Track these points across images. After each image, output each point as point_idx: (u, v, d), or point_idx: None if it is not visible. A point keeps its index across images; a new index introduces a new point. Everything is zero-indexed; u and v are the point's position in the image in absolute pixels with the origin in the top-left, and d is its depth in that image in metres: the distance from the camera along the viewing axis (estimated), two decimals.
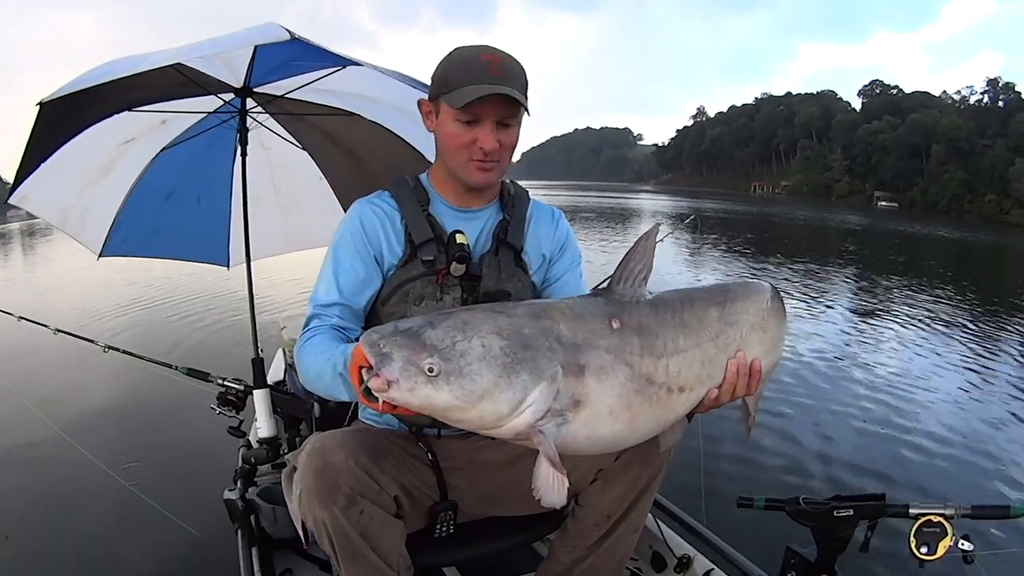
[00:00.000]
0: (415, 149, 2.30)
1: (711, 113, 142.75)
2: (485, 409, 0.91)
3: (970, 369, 5.67)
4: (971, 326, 7.64)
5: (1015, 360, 6.22)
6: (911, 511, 1.28)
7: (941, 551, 1.23)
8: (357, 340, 1.26)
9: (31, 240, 17.88)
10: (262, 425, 2.09)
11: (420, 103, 1.32)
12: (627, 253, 1.08)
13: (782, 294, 1.31)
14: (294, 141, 2.49)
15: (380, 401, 0.91)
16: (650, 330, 1.03)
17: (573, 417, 0.96)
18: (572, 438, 0.97)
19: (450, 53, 1.26)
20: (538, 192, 1.47)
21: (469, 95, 1.17)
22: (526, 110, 1.24)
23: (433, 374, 0.88)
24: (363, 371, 0.93)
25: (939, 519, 1.24)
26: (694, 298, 1.13)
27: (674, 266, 11.15)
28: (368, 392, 0.92)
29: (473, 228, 1.36)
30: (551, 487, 0.95)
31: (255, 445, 2.08)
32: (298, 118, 2.39)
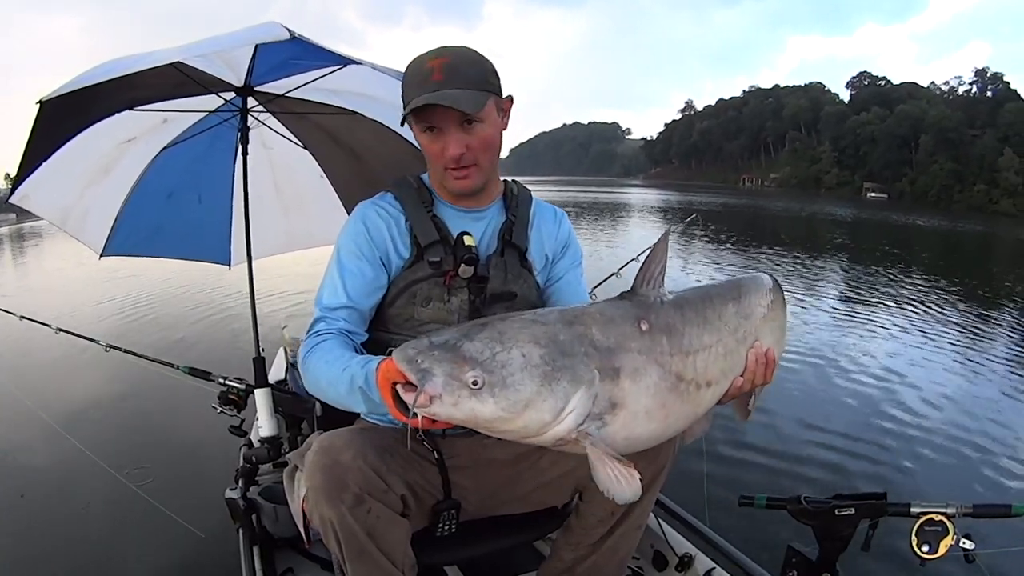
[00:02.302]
0: (416, 148, 2.28)
1: (699, 107, 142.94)
2: (529, 418, 0.92)
3: (970, 362, 5.70)
4: (966, 317, 7.68)
5: (1014, 352, 6.23)
6: (912, 510, 1.28)
7: (942, 550, 1.23)
8: (364, 344, 1.26)
9: (20, 244, 17.93)
10: (263, 424, 2.10)
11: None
12: (647, 256, 1.11)
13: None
14: (295, 140, 2.49)
15: (419, 417, 0.91)
16: (676, 329, 1.06)
17: (611, 419, 0.98)
18: (611, 440, 0.99)
19: (408, 64, 1.24)
20: (527, 188, 1.47)
21: (411, 107, 1.16)
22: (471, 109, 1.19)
23: (477, 387, 0.89)
24: (398, 387, 0.93)
25: (941, 518, 1.24)
26: (711, 295, 1.17)
27: (672, 261, 11.12)
28: (403, 406, 0.92)
29: (478, 228, 1.36)
30: (622, 482, 0.95)
31: (256, 444, 2.09)
32: (299, 117, 2.39)
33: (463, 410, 0.89)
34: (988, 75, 73.58)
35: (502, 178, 1.43)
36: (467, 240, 1.29)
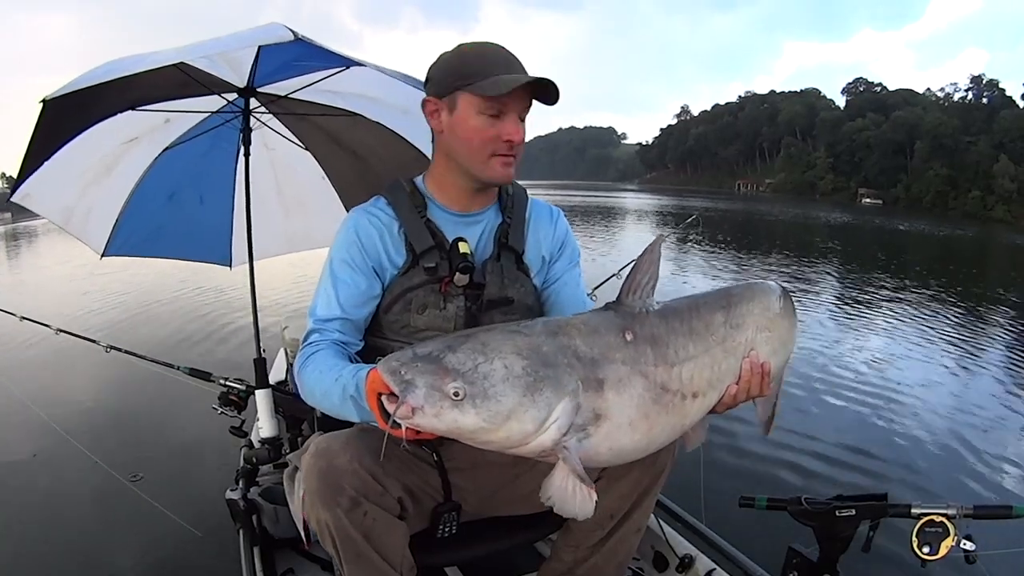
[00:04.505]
0: (417, 149, 2.30)
1: (695, 111, 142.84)
2: (512, 429, 0.92)
3: (969, 364, 5.73)
4: (964, 320, 7.71)
5: (1011, 354, 6.27)
6: (913, 511, 1.28)
7: (943, 551, 1.23)
8: (359, 354, 1.26)
9: (15, 243, 17.91)
10: (264, 425, 2.10)
11: (425, 101, 1.26)
12: (634, 265, 1.10)
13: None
14: (297, 141, 2.50)
15: (403, 428, 0.92)
16: (661, 339, 1.05)
17: (595, 431, 0.97)
18: (595, 451, 0.99)
19: (457, 49, 1.24)
20: None
21: (509, 84, 1.15)
22: (554, 102, 1.23)
23: (459, 398, 0.89)
24: (383, 398, 0.94)
25: (941, 519, 1.24)
26: (699, 304, 1.15)
27: (669, 264, 11.13)
28: (389, 417, 0.92)
29: (473, 232, 1.34)
30: (576, 499, 0.97)
31: (257, 445, 2.10)
32: (301, 118, 2.40)
33: (445, 421, 0.90)
34: (984, 82, 73.38)
35: None
36: (462, 248, 1.27)
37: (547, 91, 1.20)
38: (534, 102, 1.24)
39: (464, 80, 1.19)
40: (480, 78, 1.17)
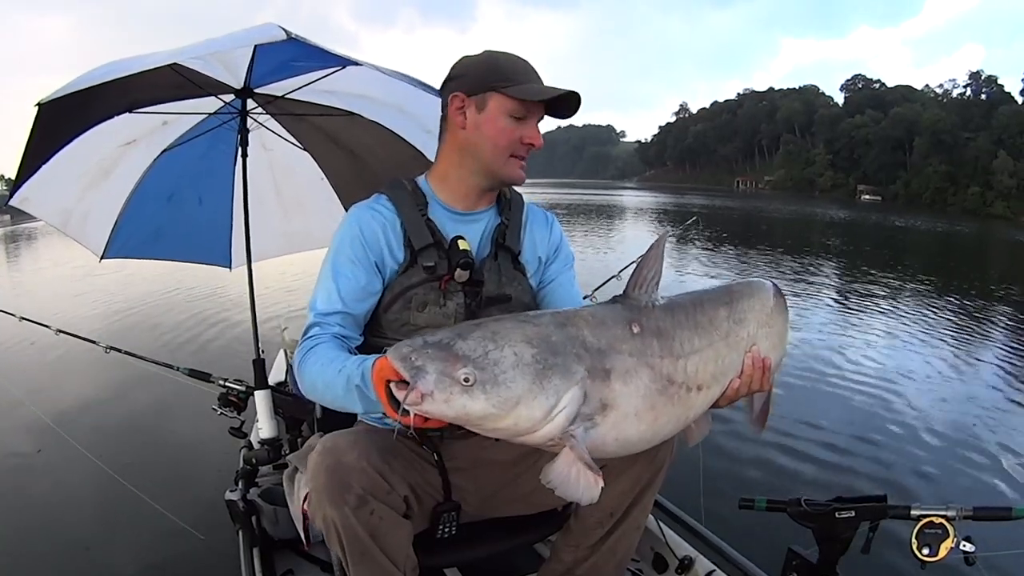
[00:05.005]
0: (416, 149, 2.30)
1: (694, 109, 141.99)
2: (520, 415, 0.93)
3: (969, 364, 5.72)
4: (964, 319, 7.70)
5: (1011, 353, 6.27)
6: (913, 512, 1.28)
7: (943, 552, 1.23)
8: (360, 349, 1.26)
9: (15, 245, 17.92)
10: (263, 426, 2.10)
11: (452, 97, 1.27)
12: (640, 261, 1.12)
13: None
14: (295, 141, 2.49)
15: (412, 415, 0.92)
16: (667, 332, 1.07)
17: (602, 420, 0.99)
18: (601, 441, 1.00)
19: (487, 53, 1.29)
20: (520, 190, 1.49)
21: (544, 92, 1.24)
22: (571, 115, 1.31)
23: (468, 384, 0.90)
24: (392, 385, 0.95)
25: (941, 520, 1.24)
26: (703, 300, 1.17)
27: (669, 262, 11.09)
28: (396, 405, 0.93)
29: (473, 231, 1.36)
30: (580, 485, 0.97)
31: (256, 446, 2.10)
32: (298, 118, 2.39)
33: (455, 407, 0.91)
34: (982, 78, 72.97)
35: None
36: (462, 244, 1.29)
37: (567, 105, 1.26)
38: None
39: (500, 82, 1.24)
40: (513, 83, 1.23)
